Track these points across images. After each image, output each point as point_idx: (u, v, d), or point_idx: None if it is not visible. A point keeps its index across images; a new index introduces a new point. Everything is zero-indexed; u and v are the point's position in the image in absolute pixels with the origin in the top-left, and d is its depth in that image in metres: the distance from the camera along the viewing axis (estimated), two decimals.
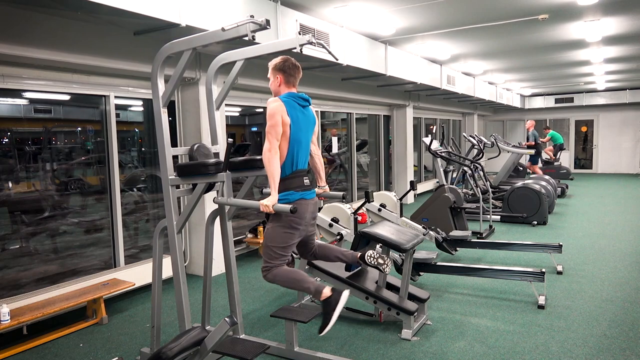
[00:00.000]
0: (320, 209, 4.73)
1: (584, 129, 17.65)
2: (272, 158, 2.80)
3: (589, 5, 5.59)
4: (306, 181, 3.05)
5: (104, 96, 4.90)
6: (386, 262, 3.10)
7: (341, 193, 3.45)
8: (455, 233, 6.19)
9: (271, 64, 3.07)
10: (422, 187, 12.23)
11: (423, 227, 5.65)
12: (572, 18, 6.28)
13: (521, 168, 12.08)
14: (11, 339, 3.90)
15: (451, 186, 7.23)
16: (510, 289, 4.87)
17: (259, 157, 3.18)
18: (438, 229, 5.84)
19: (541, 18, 6.02)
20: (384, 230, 3.96)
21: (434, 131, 13.56)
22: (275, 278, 3.04)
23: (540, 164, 12.71)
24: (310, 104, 3.12)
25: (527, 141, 11.94)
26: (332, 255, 3.27)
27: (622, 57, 9.40)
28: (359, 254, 3.15)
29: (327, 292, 2.84)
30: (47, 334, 4.01)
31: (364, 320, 4.15)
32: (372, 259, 3.07)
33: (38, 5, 3.64)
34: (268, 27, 2.77)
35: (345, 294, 2.85)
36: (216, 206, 3.33)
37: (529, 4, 5.54)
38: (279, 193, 2.91)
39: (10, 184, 5.80)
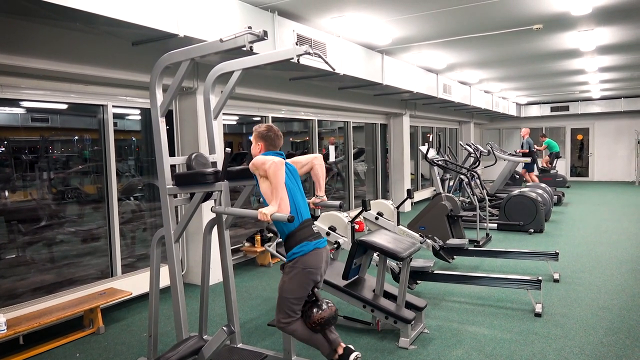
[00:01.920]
0: (317, 217, 4.74)
1: (579, 137, 17.76)
2: (278, 170, 2.78)
3: (582, 15, 5.66)
4: (315, 229, 3.02)
5: (102, 105, 4.92)
6: None
7: (338, 202, 3.46)
8: (452, 241, 6.21)
9: (256, 129, 3.09)
10: (419, 196, 12.25)
11: (420, 236, 5.66)
12: (566, 28, 6.35)
13: (517, 176, 12.12)
14: (7, 349, 3.88)
15: (448, 194, 7.25)
16: (507, 297, 4.87)
17: None
18: (435, 237, 5.85)
19: (536, 28, 6.09)
20: (381, 238, 3.97)
21: (430, 139, 13.60)
22: (294, 332, 2.99)
23: (536, 172, 12.76)
24: (285, 159, 3.11)
25: (522, 149, 11.99)
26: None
27: (617, 66, 9.49)
28: (344, 346, 3.02)
29: (340, 351, 2.99)
30: (43, 344, 4.00)
31: (361, 329, 4.14)
32: None
33: (36, 16, 3.66)
34: (265, 38, 2.80)
35: (353, 355, 2.97)
36: (214, 215, 3.34)
37: (524, 14, 5.60)
38: (292, 247, 2.90)
39: (6, 193, 5.80)
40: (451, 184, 8.81)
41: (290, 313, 2.94)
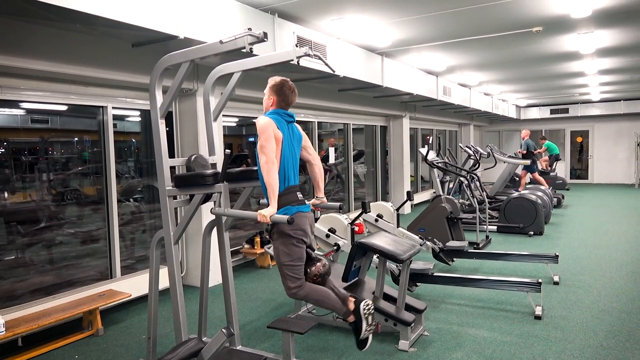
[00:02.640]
0: (317, 219, 4.74)
1: (579, 139, 17.77)
2: (271, 170, 2.79)
3: (582, 18, 5.67)
4: (299, 195, 3.05)
5: (102, 107, 4.92)
6: (372, 325, 3.09)
7: (338, 204, 3.46)
8: (452, 243, 6.20)
9: (271, 81, 3.09)
10: (418, 198, 12.25)
11: (420, 238, 5.65)
12: (566, 30, 6.36)
13: (517, 178, 12.11)
14: (6, 350, 3.87)
15: (448, 196, 7.24)
16: (507, 299, 4.87)
17: (256, 168, 3.19)
18: (435, 240, 5.84)
19: (535, 30, 6.10)
20: (380, 240, 3.96)
21: (430, 142, 13.61)
22: (308, 296, 3.03)
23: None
24: (295, 121, 3.14)
25: (526, 150, 11.80)
26: (328, 285, 3.20)
27: (616, 68, 9.50)
28: (353, 300, 3.11)
29: (351, 306, 3.07)
30: (42, 346, 3.98)
31: None
32: (366, 310, 3.06)
33: (36, 17, 3.66)
34: (265, 39, 2.80)
35: (363, 305, 3.06)
36: (213, 217, 3.33)
37: (523, 16, 5.61)
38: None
39: (6, 194, 5.79)
40: (451, 186, 8.80)
41: (295, 276, 2.98)
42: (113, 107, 4.98)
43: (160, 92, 3.11)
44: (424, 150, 7.57)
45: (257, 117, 2.97)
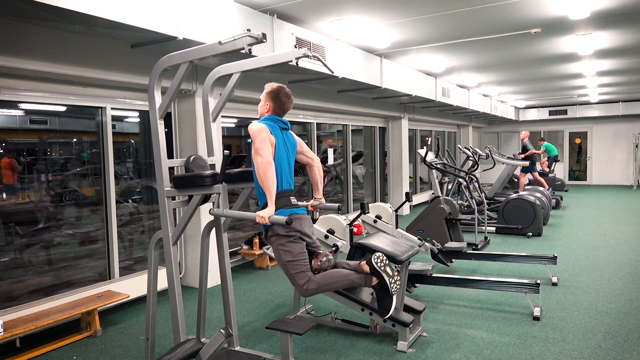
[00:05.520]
0: (315, 220, 4.74)
1: (577, 141, 17.79)
2: (268, 170, 2.80)
3: (580, 19, 5.68)
4: (293, 200, 3.05)
5: (101, 108, 4.92)
6: (394, 275, 3.02)
7: (337, 205, 3.46)
8: (451, 244, 6.21)
9: (267, 87, 3.10)
10: (417, 199, 12.26)
11: (418, 239, 5.65)
12: (564, 32, 6.37)
13: (516, 179, 12.12)
14: (4, 351, 3.86)
15: (446, 198, 7.24)
16: (506, 300, 4.87)
17: None
18: (433, 241, 5.84)
19: (534, 32, 6.11)
20: (379, 241, 3.96)
21: (429, 143, 13.62)
22: (320, 286, 2.99)
23: (528, 177, 12.72)
24: (289, 129, 3.14)
25: (530, 151, 11.68)
26: (339, 265, 3.20)
27: (615, 70, 9.52)
28: (364, 263, 3.07)
29: (366, 268, 3.01)
30: (40, 347, 3.98)
31: (359, 332, 4.14)
32: (379, 262, 3.00)
33: (35, 17, 3.66)
34: (264, 40, 2.80)
35: (375, 259, 3.01)
36: (212, 217, 3.33)
37: (522, 18, 5.62)
38: None
39: (4, 195, 5.79)
40: (450, 187, 8.81)
41: (301, 270, 2.95)
42: (112, 108, 4.98)
43: (159, 93, 3.11)
44: (422, 152, 7.57)
45: (249, 126, 2.96)
